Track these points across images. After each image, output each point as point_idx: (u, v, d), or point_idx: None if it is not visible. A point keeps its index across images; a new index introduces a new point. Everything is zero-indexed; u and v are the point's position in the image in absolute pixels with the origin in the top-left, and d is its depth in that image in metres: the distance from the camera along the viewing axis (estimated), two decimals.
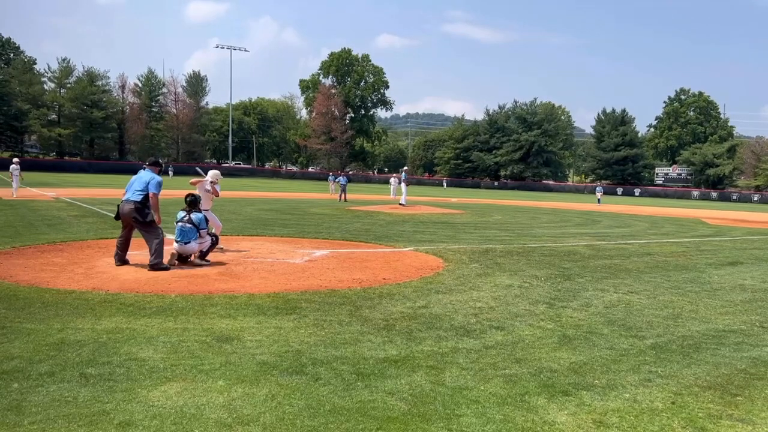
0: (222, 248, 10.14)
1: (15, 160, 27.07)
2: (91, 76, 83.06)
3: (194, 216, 8.98)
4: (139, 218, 8.40)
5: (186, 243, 8.82)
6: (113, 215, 9.09)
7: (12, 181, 25.03)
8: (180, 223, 8.89)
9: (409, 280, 8.41)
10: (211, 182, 10.50)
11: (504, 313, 6.61)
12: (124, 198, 8.59)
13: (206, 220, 9.24)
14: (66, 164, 72.84)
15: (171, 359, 4.56)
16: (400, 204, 27.09)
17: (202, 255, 9.13)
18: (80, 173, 64.57)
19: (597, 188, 49.20)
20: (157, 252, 8.32)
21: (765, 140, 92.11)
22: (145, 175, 8.68)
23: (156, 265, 8.28)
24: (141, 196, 8.47)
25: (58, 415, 3.50)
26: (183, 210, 9.09)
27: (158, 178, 8.76)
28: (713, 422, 3.83)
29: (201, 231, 8.95)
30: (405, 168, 31.61)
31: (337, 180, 36.31)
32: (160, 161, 9.28)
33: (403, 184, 28.14)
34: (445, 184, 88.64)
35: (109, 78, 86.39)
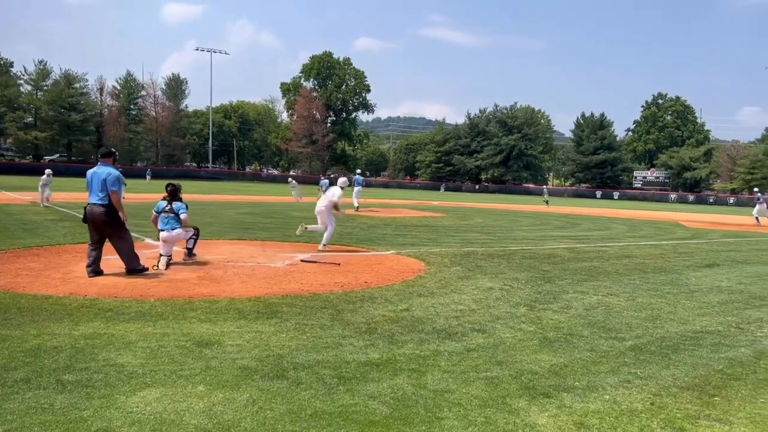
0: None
1: None
2: (69, 79, 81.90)
3: (175, 205, 9.29)
4: (110, 221, 7.98)
5: (172, 230, 9.08)
6: (81, 217, 8.54)
7: None
8: (163, 214, 9.19)
9: (391, 283, 8.41)
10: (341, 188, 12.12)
11: (485, 316, 6.63)
12: (90, 201, 8.08)
13: (186, 207, 9.48)
14: (42, 167, 71.65)
15: (150, 364, 4.50)
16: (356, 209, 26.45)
17: (189, 251, 9.38)
18: (56, 177, 63.58)
19: (543, 189, 48.81)
20: (130, 256, 8.07)
21: (740, 144, 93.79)
22: (102, 172, 8.04)
23: (133, 269, 8.09)
24: (107, 199, 7.98)
25: (34, 423, 3.43)
26: (163, 200, 9.32)
27: (115, 172, 8.12)
28: (691, 422, 3.88)
29: (181, 215, 9.24)
30: (358, 171, 31.77)
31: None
32: (113, 150, 8.68)
33: (357, 188, 27.51)
34: (443, 188, 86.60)
35: (87, 80, 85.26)
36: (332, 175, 51.38)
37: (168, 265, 8.88)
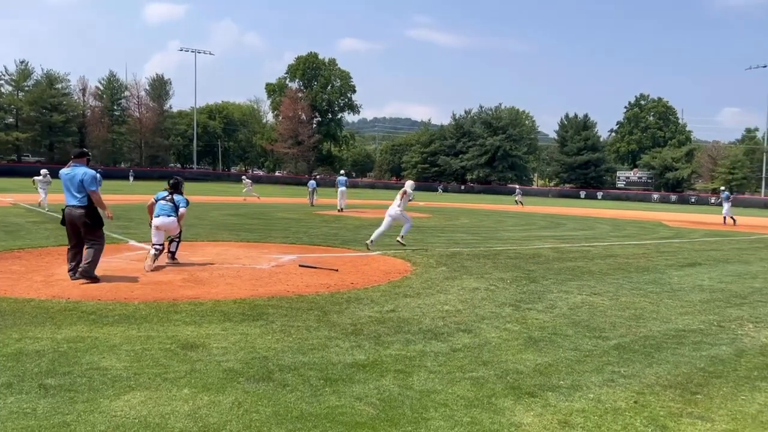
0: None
1: None
2: (51, 79, 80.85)
3: (176, 196, 9.52)
4: (89, 222, 7.79)
5: (167, 216, 9.22)
6: (60, 220, 8.25)
7: None
8: (161, 201, 9.32)
9: (377, 284, 8.41)
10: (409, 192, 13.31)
11: (471, 316, 6.66)
12: (68, 203, 7.86)
13: (187, 203, 9.76)
14: (24, 169, 70.78)
15: (134, 368, 4.47)
16: (341, 210, 26.08)
17: (172, 254, 9.41)
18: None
19: (516, 190, 48.57)
20: (93, 260, 7.72)
21: (721, 145, 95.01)
22: (77, 173, 7.77)
23: (87, 272, 7.63)
24: (86, 200, 7.77)
25: (17, 428, 3.39)
26: (165, 190, 9.51)
27: (90, 172, 7.86)
28: (674, 420, 3.93)
29: (180, 209, 9.44)
30: (342, 172, 31.82)
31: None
32: (87, 151, 8.44)
33: (343, 189, 27.32)
34: (440, 189, 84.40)
35: (69, 81, 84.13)
36: (318, 176, 51.04)
37: (156, 257, 8.90)
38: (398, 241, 12.93)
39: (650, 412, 4.05)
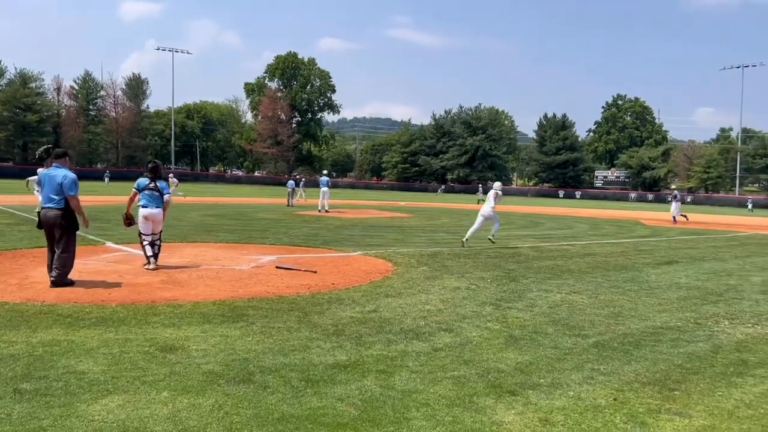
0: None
1: None
2: (24, 78, 79.44)
3: (159, 183, 9.34)
4: (64, 224, 7.56)
5: (156, 207, 9.14)
6: (36, 224, 8.05)
7: None
8: (146, 191, 9.17)
9: (359, 284, 8.40)
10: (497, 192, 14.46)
11: (452, 315, 6.68)
12: (44, 205, 7.64)
13: (170, 187, 9.82)
14: None
15: (112, 371, 4.40)
16: (326, 211, 25.92)
17: (155, 255, 9.17)
18: (12, 179, 61.71)
19: (479, 188, 48.55)
20: (66, 265, 7.54)
21: (696, 144, 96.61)
22: (57, 174, 7.57)
23: (61, 280, 7.44)
24: (63, 203, 7.55)
25: None
26: (146, 177, 9.29)
27: (71, 175, 7.63)
28: (653, 417, 3.97)
29: (165, 196, 9.31)
30: (324, 172, 31.79)
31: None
32: (68, 151, 8.26)
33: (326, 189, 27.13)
34: (440, 190, 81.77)
35: (43, 80, 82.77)
36: (297, 176, 50.68)
37: (153, 247, 9.04)
38: (489, 239, 14.35)
39: (629, 408, 4.10)
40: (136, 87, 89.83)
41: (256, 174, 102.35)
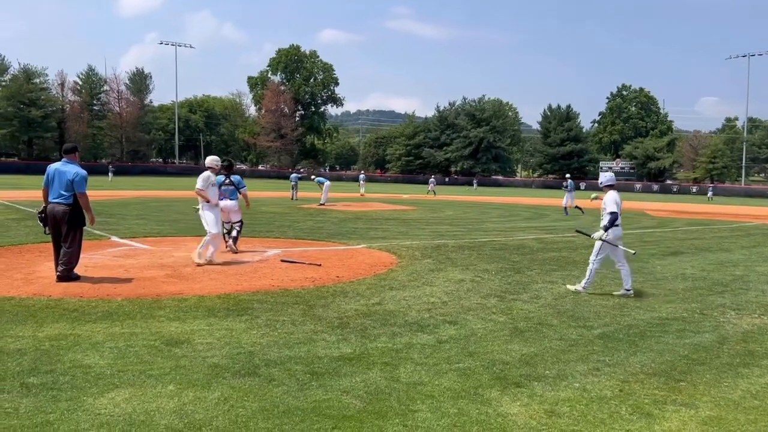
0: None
1: None
2: (28, 74, 79.46)
3: (234, 178, 10.38)
4: (72, 219, 7.54)
5: (231, 199, 10.21)
6: (42, 227, 7.92)
7: None
8: (223, 186, 10.09)
9: (363, 277, 8.40)
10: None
11: (456, 308, 6.67)
12: (51, 200, 7.57)
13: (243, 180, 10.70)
14: (1, 166, 69.68)
15: (118, 365, 4.42)
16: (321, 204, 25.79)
17: (234, 240, 10.21)
18: (18, 174, 61.89)
19: (430, 179, 47.79)
20: (71, 260, 7.55)
21: (701, 134, 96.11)
22: (67, 170, 7.54)
23: (68, 276, 7.45)
24: (71, 199, 7.54)
25: None
26: (220, 174, 10.06)
27: (82, 172, 7.61)
28: (659, 408, 3.97)
29: (241, 190, 10.34)
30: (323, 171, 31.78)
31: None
32: (77, 146, 8.27)
33: (327, 184, 27.22)
34: (475, 184, 75.40)
35: (47, 75, 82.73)
36: (301, 170, 50.59)
37: (235, 232, 10.17)
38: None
39: (635, 400, 4.09)
40: (140, 81, 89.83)
41: (260, 168, 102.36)
